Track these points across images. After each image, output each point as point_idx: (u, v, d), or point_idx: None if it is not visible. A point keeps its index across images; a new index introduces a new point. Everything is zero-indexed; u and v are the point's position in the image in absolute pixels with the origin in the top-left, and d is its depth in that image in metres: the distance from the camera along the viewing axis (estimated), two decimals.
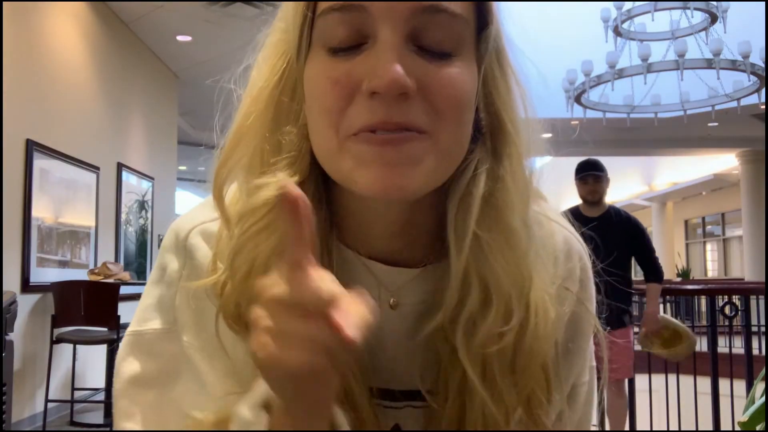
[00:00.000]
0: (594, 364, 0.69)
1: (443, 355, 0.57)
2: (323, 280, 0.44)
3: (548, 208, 0.63)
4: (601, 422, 3.89)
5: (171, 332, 0.61)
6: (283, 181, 0.45)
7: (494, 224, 0.55)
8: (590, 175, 3.87)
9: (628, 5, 6.82)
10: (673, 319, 3.96)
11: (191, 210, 0.65)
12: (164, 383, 0.61)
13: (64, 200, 5.42)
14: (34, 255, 4.89)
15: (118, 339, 4.75)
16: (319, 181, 0.57)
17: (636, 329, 4.14)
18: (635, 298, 5.62)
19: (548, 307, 0.56)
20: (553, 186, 0.69)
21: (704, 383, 4.26)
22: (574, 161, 4.11)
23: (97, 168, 6.01)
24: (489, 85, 0.57)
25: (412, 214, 0.58)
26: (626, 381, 4.04)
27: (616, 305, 3.87)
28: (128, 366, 0.62)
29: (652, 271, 3.92)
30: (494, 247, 0.55)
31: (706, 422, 4.30)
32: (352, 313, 0.43)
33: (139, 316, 0.63)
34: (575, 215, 0.76)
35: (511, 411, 0.55)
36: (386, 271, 0.59)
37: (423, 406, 0.59)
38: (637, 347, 4.61)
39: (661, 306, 9.76)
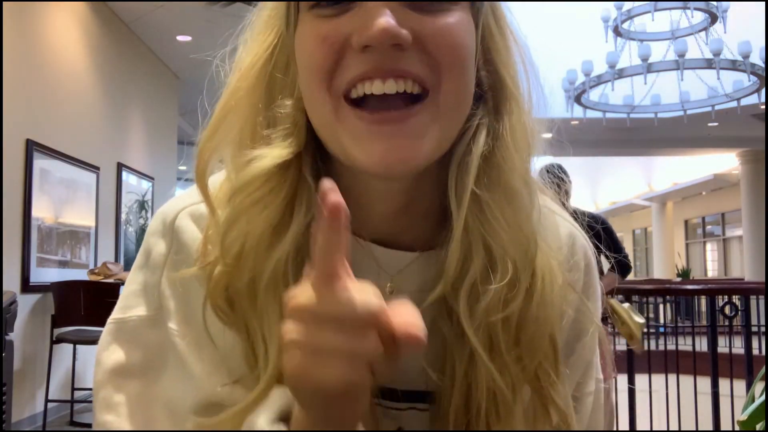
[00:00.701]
0: (600, 377, 0.66)
1: (449, 338, 0.54)
2: (364, 291, 0.41)
3: (551, 201, 0.61)
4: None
5: (156, 319, 0.57)
6: (325, 183, 0.40)
7: (494, 183, 0.53)
8: (554, 179, 3.92)
9: (628, 5, 6.82)
10: (627, 313, 3.93)
11: (179, 195, 0.62)
12: (149, 373, 0.57)
13: (64, 200, 5.42)
14: (34, 255, 4.89)
15: None
16: (316, 157, 0.54)
17: (611, 328, 4.18)
18: (635, 298, 5.62)
19: (555, 273, 0.54)
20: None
21: (704, 383, 4.25)
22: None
23: (97, 168, 6.01)
24: (487, 41, 0.55)
25: (414, 190, 0.55)
26: (612, 382, 4.03)
27: None
28: (111, 355, 0.58)
29: (618, 264, 3.96)
30: (494, 207, 0.52)
31: (706, 422, 4.30)
32: (405, 315, 0.40)
33: (122, 302, 0.59)
34: None
35: (519, 386, 0.52)
36: (385, 253, 0.56)
37: (427, 409, 0.56)
38: (620, 348, 4.62)
39: (661, 306, 9.75)
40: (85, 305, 4.68)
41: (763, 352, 5.67)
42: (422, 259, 0.57)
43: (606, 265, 4.04)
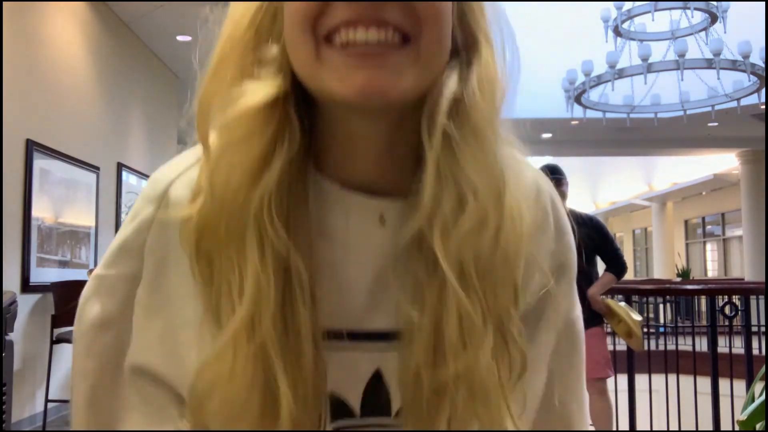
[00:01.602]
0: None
1: (422, 276, 0.56)
2: None
3: (517, 151, 0.63)
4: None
5: (134, 278, 0.61)
6: None
7: (463, 124, 0.55)
8: (551, 179, 3.94)
9: (628, 5, 6.82)
10: (625, 311, 3.90)
11: (173, 160, 0.65)
12: (123, 326, 0.61)
13: (64, 200, 5.42)
14: (34, 255, 4.89)
15: None
16: (300, 105, 0.56)
17: (609, 329, 4.18)
18: (635, 298, 5.62)
19: (523, 213, 0.56)
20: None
21: (704, 383, 4.25)
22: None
23: (97, 168, 6.01)
24: (463, 4, 0.58)
25: (393, 134, 0.57)
26: (608, 381, 4.00)
27: (588, 303, 3.90)
28: (90, 308, 0.62)
29: (614, 264, 3.93)
30: (462, 145, 0.55)
31: (706, 422, 4.30)
32: None
33: (105, 259, 0.63)
34: None
35: (487, 315, 0.55)
36: (368, 201, 0.59)
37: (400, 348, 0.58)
38: (620, 348, 4.62)
39: (661, 306, 9.73)
40: None
41: (763, 352, 5.67)
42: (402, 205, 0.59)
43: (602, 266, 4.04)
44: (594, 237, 3.84)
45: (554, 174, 4.00)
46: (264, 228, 0.52)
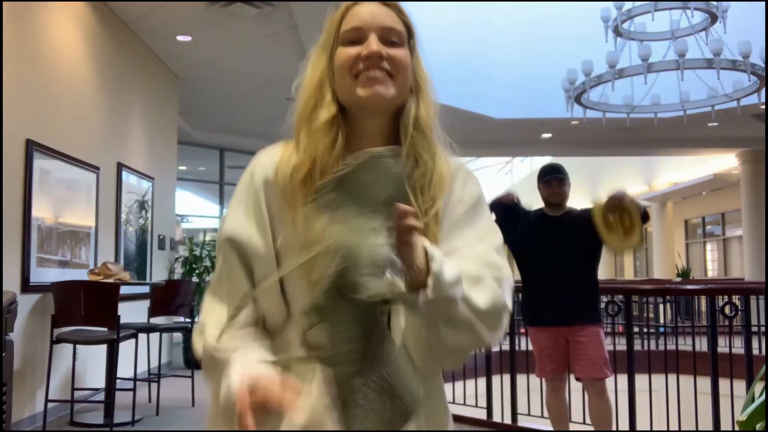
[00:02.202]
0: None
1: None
2: None
3: (448, 152, 1.18)
4: None
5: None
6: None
7: (419, 129, 1.12)
8: (554, 178, 3.95)
9: (628, 5, 6.82)
10: (638, 209, 3.79)
11: (267, 148, 1.17)
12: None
13: (64, 200, 5.42)
14: (34, 255, 4.89)
15: (118, 339, 4.75)
16: (340, 116, 1.11)
17: (608, 329, 4.11)
18: (635, 298, 5.62)
19: (446, 172, 1.14)
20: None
21: (704, 383, 4.25)
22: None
23: (97, 168, 6.00)
24: (414, 65, 1.15)
25: (385, 128, 1.13)
26: (607, 381, 3.94)
27: (587, 302, 3.87)
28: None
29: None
30: (420, 138, 1.12)
31: (706, 422, 4.30)
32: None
33: (229, 209, 1.17)
34: (539, 216, 0.81)
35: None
36: None
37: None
38: (620, 348, 4.60)
39: (661, 306, 9.67)
40: (85, 305, 4.68)
41: (763, 352, 5.67)
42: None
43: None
44: (593, 232, 3.74)
45: (557, 173, 3.97)
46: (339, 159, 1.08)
